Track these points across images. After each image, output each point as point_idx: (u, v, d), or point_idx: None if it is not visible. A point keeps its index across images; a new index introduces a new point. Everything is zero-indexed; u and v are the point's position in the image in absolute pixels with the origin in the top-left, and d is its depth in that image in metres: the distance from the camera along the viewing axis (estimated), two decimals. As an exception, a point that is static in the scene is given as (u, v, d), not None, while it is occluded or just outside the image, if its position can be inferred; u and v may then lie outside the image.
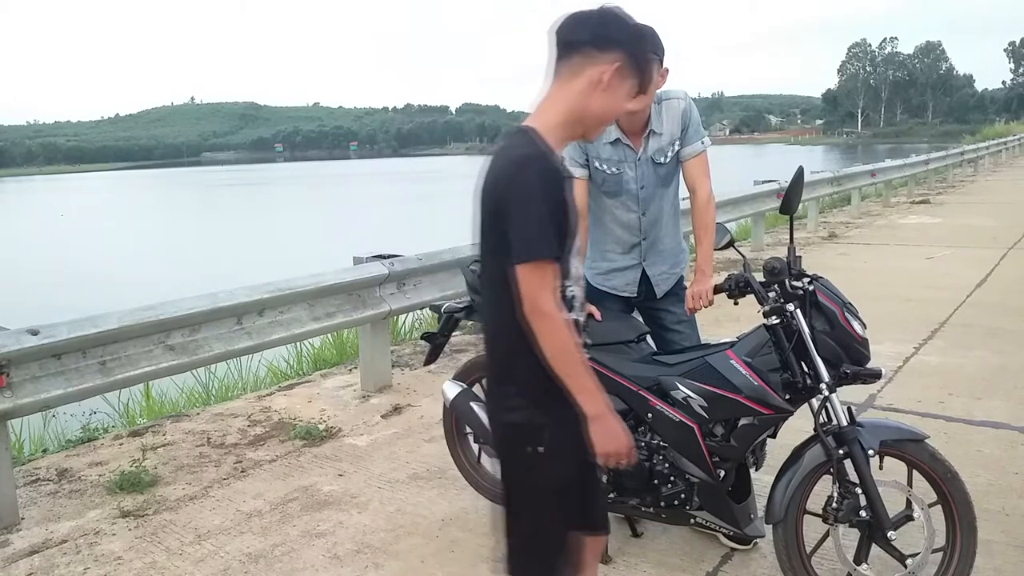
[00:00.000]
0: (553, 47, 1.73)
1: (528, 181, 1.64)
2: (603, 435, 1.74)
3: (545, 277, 1.65)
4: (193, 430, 4.42)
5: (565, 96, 1.72)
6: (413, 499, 3.44)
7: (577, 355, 1.70)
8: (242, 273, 12.51)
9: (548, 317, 1.64)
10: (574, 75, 1.71)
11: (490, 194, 1.69)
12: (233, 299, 3.91)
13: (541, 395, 1.72)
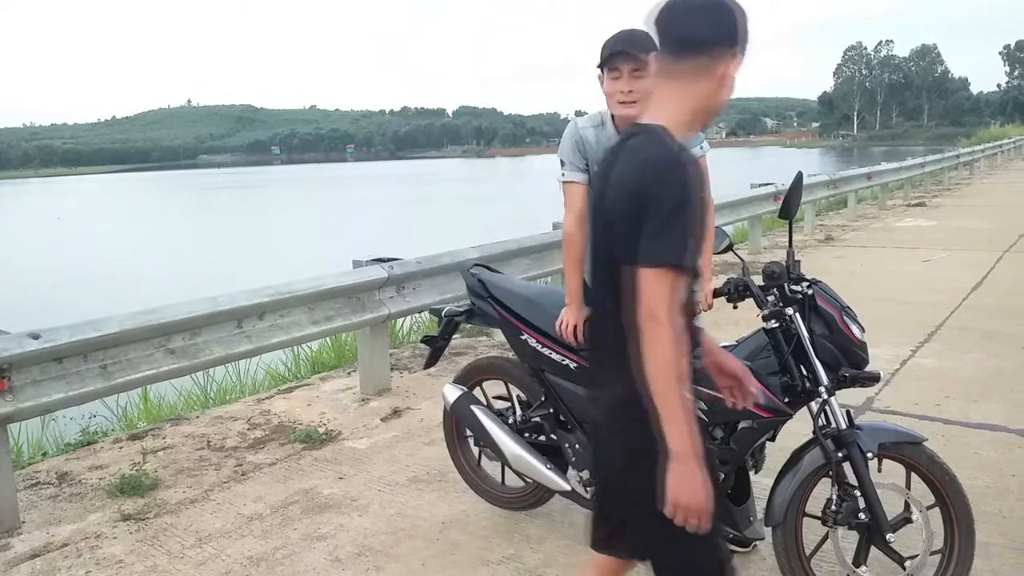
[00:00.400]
0: (668, 41, 1.65)
1: (676, 183, 1.57)
2: (682, 482, 1.57)
3: (672, 285, 1.56)
4: (193, 433, 4.43)
5: (693, 94, 1.66)
6: (413, 502, 3.45)
7: (677, 378, 1.56)
8: (239, 276, 12.53)
9: (663, 328, 1.54)
10: (702, 74, 1.64)
11: (628, 194, 1.62)
12: (233, 302, 3.92)
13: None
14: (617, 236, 1.65)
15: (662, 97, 1.69)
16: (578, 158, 2.79)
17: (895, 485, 2.44)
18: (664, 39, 1.67)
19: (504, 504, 3.26)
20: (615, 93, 2.63)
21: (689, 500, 1.57)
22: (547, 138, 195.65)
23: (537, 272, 5.86)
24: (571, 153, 2.79)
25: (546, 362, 2.87)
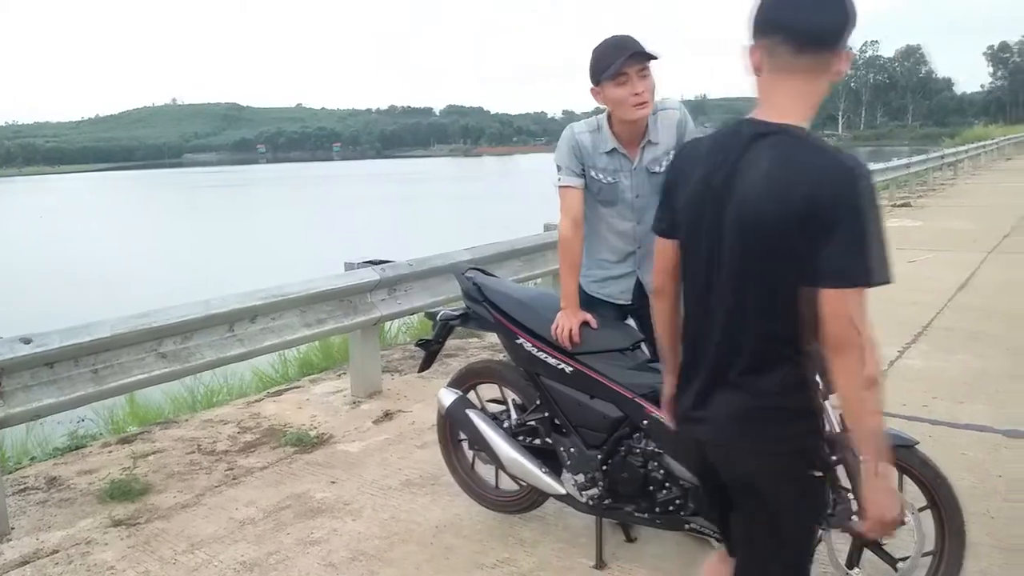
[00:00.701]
0: (790, 35, 1.54)
1: (867, 192, 1.49)
2: (884, 495, 1.59)
3: (865, 303, 1.49)
4: (183, 437, 4.41)
5: (815, 91, 1.59)
6: (407, 506, 3.45)
7: (879, 396, 1.53)
8: (226, 277, 12.49)
9: (863, 349, 1.49)
10: (822, 69, 1.57)
11: (798, 205, 1.49)
12: (226, 306, 3.90)
13: (813, 419, 1.66)
14: (776, 250, 1.53)
15: (784, 94, 1.59)
16: (575, 163, 2.80)
17: (887, 488, 2.46)
18: (783, 32, 1.55)
19: (498, 507, 3.27)
20: (627, 98, 2.62)
21: (891, 514, 1.60)
22: (534, 137, 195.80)
23: (529, 274, 5.88)
24: (568, 158, 2.81)
25: (541, 366, 2.88)
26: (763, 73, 1.61)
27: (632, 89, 2.62)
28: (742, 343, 1.61)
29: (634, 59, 2.59)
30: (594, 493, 2.79)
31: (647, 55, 2.61)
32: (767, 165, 1.54)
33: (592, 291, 3.00)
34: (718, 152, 1.63)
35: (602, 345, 2.77)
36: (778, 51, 1.57)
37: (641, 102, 2.63)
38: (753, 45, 1.61)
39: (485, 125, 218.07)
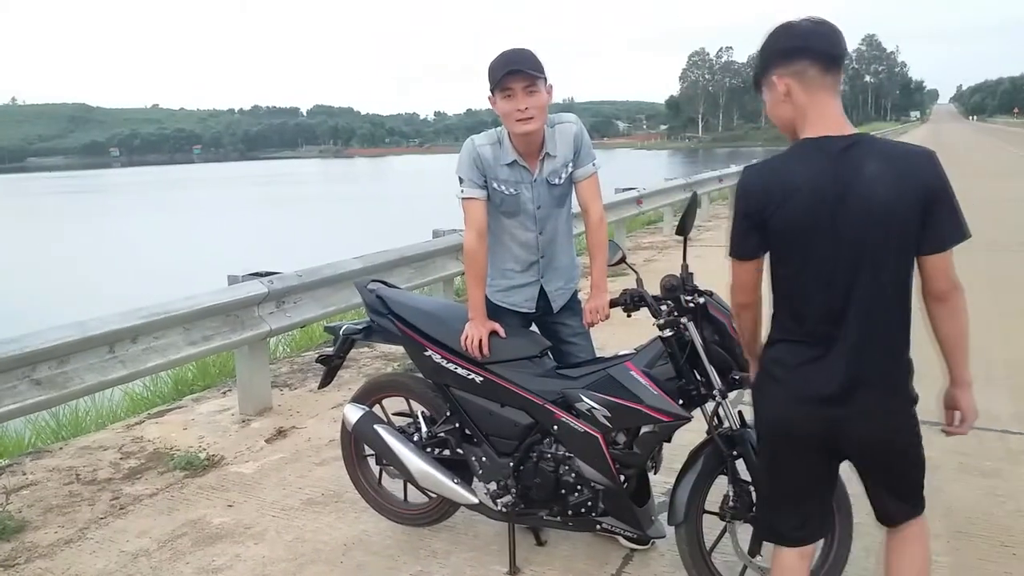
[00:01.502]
0: (817, 59, 1.84)
1: (943, 173, 1.83)
2: (972, 402, 2.02)
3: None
4: (58, 467, 4.12)
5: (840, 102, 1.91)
6: (311, 525, 3.36)
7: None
8: (77, 296, 11.69)
9: (962, 291, 1.87)
10: (839, 85, 1.89)
11: (918, 193, 1.78)
12: (104, 327, 3.67)
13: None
14: (905, 233, 1.80)
15: (832, 108, 1.87)
16: (476, 175, 2.82)
17: (783, 478, 2.62)
18: (808, 56, 1.84)
19: (407, 521, 3.24)
20: (512, 112, 2.69)
21: (974, 415, 2.03)
22: (407, 139, 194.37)
23: (420, 281, 5.85)
24: (469, 170, 2.82)
25: (451, 377, 2.88)
26: (797, 96, 1.87)
27: (516, 104, 2.68)
28: (882, 322, 1.86)
29: (515, 75, 2.66)
30: (507, 500, 2.82)
31: (531, 74, 2.65)
32: (875, 167, 1.80)
33: (497, 300, 3.03)
34: (816, 170, 1.83)
35: (511, 353, 2.81)
36: (808, 74, 1.85)
37: (524, 118, 2.69)
38: (778, 75, 1.88)
39: (356, 126, 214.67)
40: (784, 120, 1.93)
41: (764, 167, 1.93)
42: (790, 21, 1.91)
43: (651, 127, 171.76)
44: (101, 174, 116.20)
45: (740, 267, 2.00)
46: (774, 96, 1.91)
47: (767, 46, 1.92)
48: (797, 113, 1.88)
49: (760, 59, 1.94)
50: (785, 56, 1.87)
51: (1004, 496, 3.36)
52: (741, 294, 2.06)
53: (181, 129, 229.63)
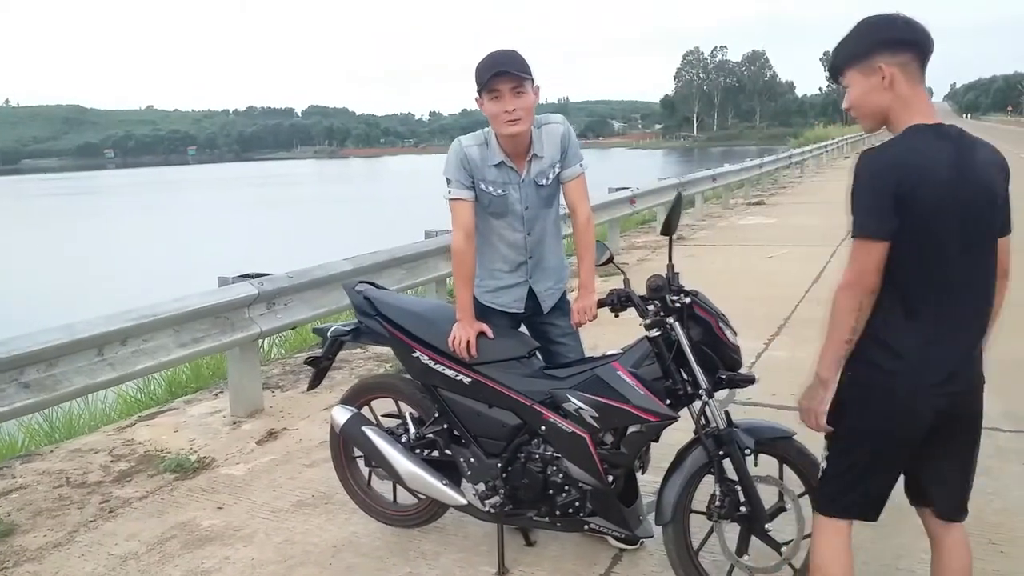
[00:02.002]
0: (919, 54, 1.93)
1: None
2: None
3: None
4: (48, 470, 4.11)
5: None
6: (301, 527, 3.36)
7: None
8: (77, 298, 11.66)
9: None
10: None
11: (1006, 175, 1.99)
12: (92, 329, 3.67)
13: None
14: (1001, 216, 1.99)
15: (928, 102, 1.98)
16: (464, 176, 2.82)
17: (770, 477, 2.63)
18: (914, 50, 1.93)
19: (396, 522, 3.24)
20: (499, 114, 2.69)
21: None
22: (402, 139, 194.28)
23: (412, 282, 5.84)
24: (457, 171, 2.82)
25: (439, 378, 2.88)
26: (900, 86, 1.93)
27: (503, 106, 2.68)
28: (986, 298, 2.02)
29: (502, 77, 2.66)
30: (495, 501, 2.82)
31: (517, 75, 2.66)
32: (981, 155, 1.95)
33: (486, 301, 3.03)
34: (944, 154, 1.91)
35: (499, 354, 2.81)
36: (910, 67, 1.93)
37: (512, 119, 2.69)
38: (885, 63, 1.92)
39: (351, 126, 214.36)
40: (876, 108, 1.97)
41: (894, 148, 1.92)
42: (896, 13, 1.95)
43: (646, 126, 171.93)
44: (96, 176, 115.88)
45: (873, 248, 1.91)
46: (871, 83, 1.94)
47: (872, 34, 1.95)
48: (897, 103, 1.93)
49: (858, 46, 1.96)
50: (893, 46, 1.92)
51: (992, 494, 3.37)
52: (871, 277, 1.94)
53: (176, 130, 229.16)
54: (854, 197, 1.94)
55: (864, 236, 1.92)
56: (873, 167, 1.92)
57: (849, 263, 1.96)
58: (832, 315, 1.98)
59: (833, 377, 2.03)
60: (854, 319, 1.97)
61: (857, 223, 1.93)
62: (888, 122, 1.98)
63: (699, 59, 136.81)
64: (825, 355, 2.02)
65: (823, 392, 2.04)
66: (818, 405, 2.06)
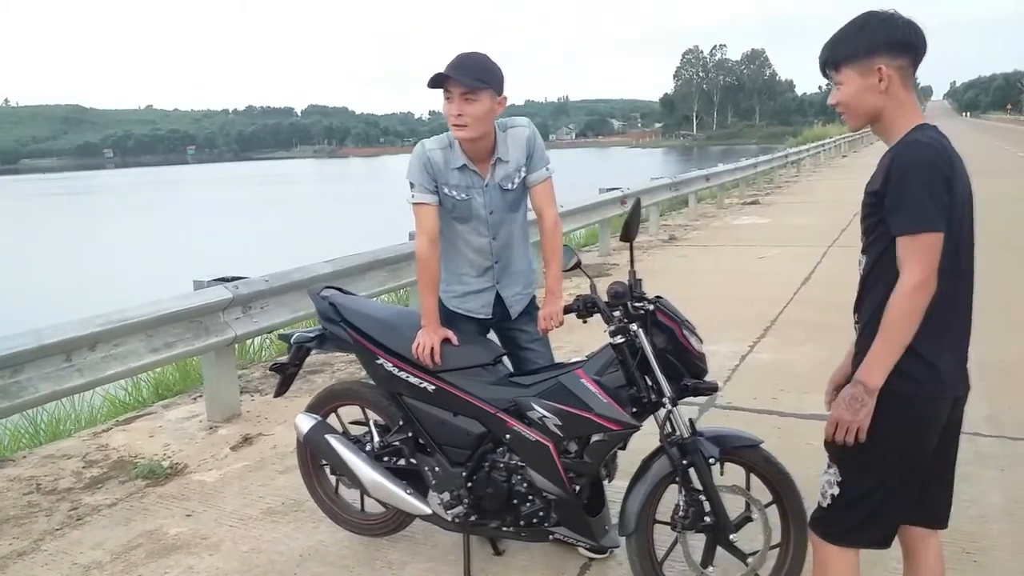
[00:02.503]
0: (917, 59, 1.91)
1: None
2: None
3: None
4: (19, 476, 4.06)
5: None
6: (268, 535, 3.32)
7: None
8: (62, 301, 11.61)
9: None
10: None
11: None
12: (60, 334, 3.62)
13: None
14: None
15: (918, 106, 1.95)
16: (427, 180, 2.78)
17: (736, 487, 2.58)
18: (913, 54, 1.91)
19: (364, 531, 3.20)
20: (449, 116, 2.67)
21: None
22: (402, 138, 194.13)
23: (394, 284, 5.80)
24: (420, 175, 2.78)
25: (403, 386, 2.84)
26: (896, 89, 1.89)
27: (452, 110, 2.65)
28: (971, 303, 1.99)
29: (448, 81, 2.62)
30: (459, 511, 2.78)
31: (462, 81, 2.61)
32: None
33: (453, 306, 2.99)
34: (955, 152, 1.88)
35: (463, 361, 2.76)
36: (907, 71, 1.90)
37: (459, 124, 2.66)
38: (885, 64, 1.87)
39: (350, 126, 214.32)
40: (869, 108, 1.92)
41: (930, 140, 1.85)
42: (896, 13, 1.90)
43: (646, 125, 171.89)
44: (95, 175, 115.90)
45: (938, 241, 1.80)
46: (867, 83, 1.89)
47: (875, 34, 1.88)
48: (891, 105, 1.90)
49: (858, 44, 1.90)
50: (895, 49, 1.88)
51: (969, 501, 3.32)
52: (934, 273, 1.81)
53: (175, 130, 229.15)
54: (905, 190, 1.80)
55: (929, 228, 1.79)
56: (923, 156, 1.81)
57: (914, 262, 1.79)
58: (897, 319, 1.82)
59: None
60: (917, 322, 1.83)
61: (918, 216, 1.78)
62: (877, 123, 1.94)
63: (698, 58, 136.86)
64: (880, 363, 1.85)
65: (871, 403, 1.87)
66: (864, 418, 1.88)
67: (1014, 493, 3.38)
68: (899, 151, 1.84)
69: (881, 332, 1.85)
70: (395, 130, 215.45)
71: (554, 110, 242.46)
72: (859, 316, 2.02)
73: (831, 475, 2.02)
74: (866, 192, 1.92)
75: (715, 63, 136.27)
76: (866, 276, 1.98)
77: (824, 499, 2.04)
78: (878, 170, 1.89)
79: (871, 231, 1.94)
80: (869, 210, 1.92)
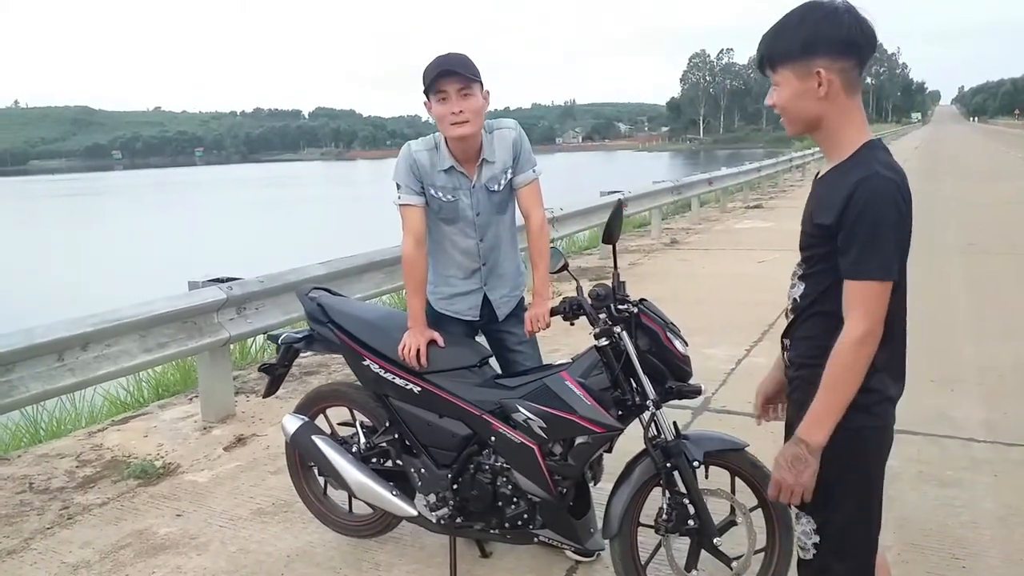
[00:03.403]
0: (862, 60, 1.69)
1: None
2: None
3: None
4: (13, 475, 4.07)
5: None
6: (257, 536, 3.32)
7: None
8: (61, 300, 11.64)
9: None
10: None
11: None
12: (52, 334, 3.63)
13: None
14: None
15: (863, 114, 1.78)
16: (413, 181, 2.79)
17: (721, 490, 2.57)
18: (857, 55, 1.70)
19: (353, 532, 3.20)
20: (446, 115, 2.65)
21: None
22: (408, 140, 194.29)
23: (391, 286, 5.79)
24: (406, 176, 2.79)
25: (389, 387, 2.83)
26: (837, 96, 1.69)
27: (450, 108, 2.65)
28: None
29: (448, 78, 2.63)
30: (445, 512, 2.77)
31: (465, 76, 2.62)
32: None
33: (440, 308, 2.99)
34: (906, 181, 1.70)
35: (449, 363, 2.76)
36: (852, 74, 1.68)
37: (458, 121, 2.65)
38: (824, 67, 1.66)
39: (357, 128, 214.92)
40: (806, 116, 1.74)
41: (887, 170, 1.66)
42: (843, 5, 1.66)
43: (652, 129, 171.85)
44: (103, 176, 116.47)
45: (886, 290, 1.66)
46: (805, 88, 1.69)
47: (814, 32, 1.66)
48: (833, 112, 1.70)
49: (794, 42, 1.69)
50: (836, 48, 1.65)
51: (961, 507, 3.31)
52: (881, 322, 1.67)
53: (183, 132, 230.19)
54: (862, 232, 1.62)
55: (882, 278, 1.64)
56: (885, 196, 1.62)
57: (863, 311, 1.64)
58: (842, 375, 1.67)
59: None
60: (864, 370, 1.68)
61: (872, 263, 1.63)
62: (818, 131, 1.75)
63: (705, 62, 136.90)
64: (825, 420, 1.69)
65: (815, 463, 1.72)
66: (809, 479, 1.73)
67: (1007, 499, 3.36)
68: (858, 186, 1.63)
69: (824, 388, 1.69)
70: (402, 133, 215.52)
71: (561, 113, 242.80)
72: (791, 344, 1.89)
73: (804, 525, 1.88)
74: (813, 222, 1.74)
75: (722, 67, 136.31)
76: (805, 305, 1.81)
77: (806, 552, 1.89)
78: (829, 199, 1.69)
79: (815, 261, 1.77)
80: (815, 240, 1.74)
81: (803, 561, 1.92)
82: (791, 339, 1.89)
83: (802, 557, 1.92)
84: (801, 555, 1.92)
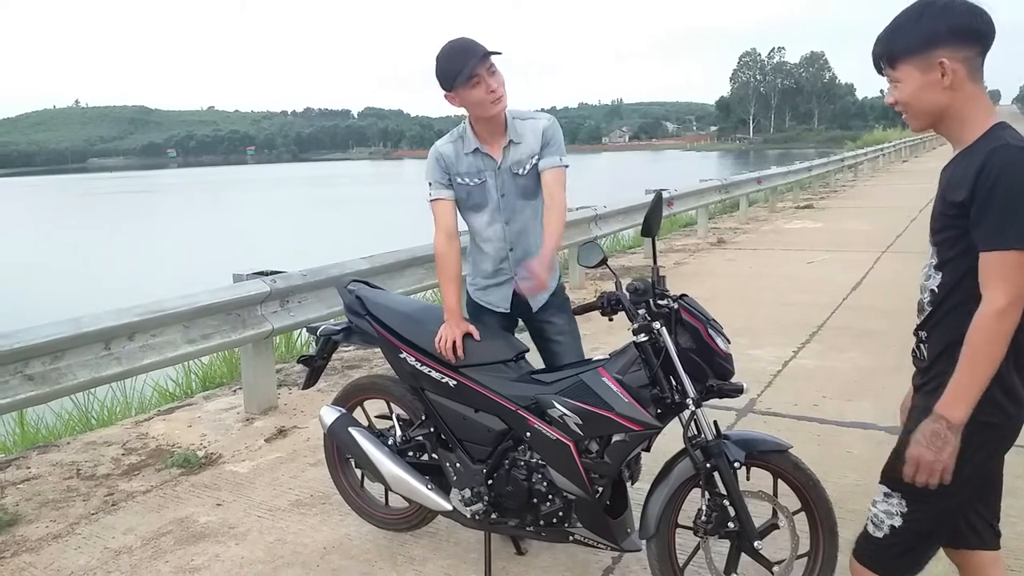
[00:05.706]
0: (985, 48, 1.70)
1: None
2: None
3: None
4: (61, 461, 4.17)
5: None
6: (295, 527, 3.33)
7: None
8: (114, 290, 11.93)
9: None
10: None
11: None
12: (99, 323, 3.70)
13: None
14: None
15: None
16: (441, 175, 2.82)
17: (763, 492, 2.50)
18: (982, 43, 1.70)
19: (388, 526, 3.19)
20: (485, 96, 2.69)
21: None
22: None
23: (432, 281, 5.78)
24: (434, 171, 2.84)
25: (426, 380, 2.82)
26: (963, 84, 1.69)
27: (486, 88, 2.67)
28: None
29: (480, 61, 2.64)
30: (479, 508, 2.74)
31: (487, 52, 2.66)
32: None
33: (478, 298, 3.00)
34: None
35: (485, 357, 2.73)
36: (974, 63, 1.69)
37: (497, 97, 2.70)
38: (949, 56, 1.67)
39: (405, 128, 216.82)
40: (933, 107, 1.72)
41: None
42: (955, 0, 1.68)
43: (701, 128, 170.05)
44: (157, 174, 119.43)
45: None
46: (929, 80, 1.69)
47: (933, 23, 1.67)
48: (959, 101, 1.69)
49: (915, 36, 1.70)
50: (958, 37, 1.66)
51: (1016, 516, 3.16)
52: (1021, 296, 1.61)
53: (235, 131, 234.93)
54: (997, 200, 1.59)
55: (1021, 246, 1.58)
56: (1020, 164, 1.60)
57: (1001, 282, 1.60)
58: (982, 347, 1.62)
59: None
60: (1006, 348, 1.63)
61: (1014, 232, 1.58)
62: (943, 123, 1.74)
63: (756, 60, 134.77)
64: (965, 396, 1.65)
65: (956, 440, 1.66)
66: (949, 458, 1.67)
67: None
68: (990, 156, 1.62)
69: (964, 362, 1.64)
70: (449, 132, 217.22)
71: (607, 113, 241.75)
72: (928, 335, 1.82)
73: (892, 505, 1.84)
74: (946, 201, 1.71)
75: (773, 66, 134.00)
76: (944, 295, 1.75)
77: (878, 529, 1.85)
78: (960, 176, 1.67)
79: (950, 245, 1.71)
80: (949, 221, 1.70)
81: (868, 535, 1.90)
82: (928, 331, 1.82)
83: (870, 532, 1.90)
84: (870, 529, 1.90)
